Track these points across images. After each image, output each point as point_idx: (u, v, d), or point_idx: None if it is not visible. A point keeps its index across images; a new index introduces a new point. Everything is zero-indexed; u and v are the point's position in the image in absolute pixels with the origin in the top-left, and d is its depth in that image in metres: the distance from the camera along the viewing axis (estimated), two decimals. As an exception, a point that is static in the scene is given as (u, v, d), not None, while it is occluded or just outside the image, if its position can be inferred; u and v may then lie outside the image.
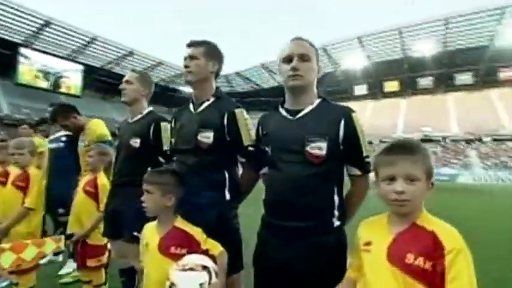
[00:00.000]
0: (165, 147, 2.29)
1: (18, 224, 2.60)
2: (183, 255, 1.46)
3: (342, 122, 1.48)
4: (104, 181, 2.76)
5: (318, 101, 1.59)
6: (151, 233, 1.66)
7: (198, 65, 1.87)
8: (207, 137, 1.78)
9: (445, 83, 53.62)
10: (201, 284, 1.30)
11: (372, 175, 1.36)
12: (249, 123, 1.84)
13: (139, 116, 2.48)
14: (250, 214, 2.25)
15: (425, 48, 47.90)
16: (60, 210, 3.38)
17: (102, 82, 47.86)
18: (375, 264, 1.13)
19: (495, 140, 40.05)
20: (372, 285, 1.12)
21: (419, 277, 1.02)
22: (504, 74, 49.97)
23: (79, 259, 2.78)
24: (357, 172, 1.54)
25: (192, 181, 1.71)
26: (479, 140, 42.97)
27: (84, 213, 2.75)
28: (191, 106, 1.99)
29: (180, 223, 1.64)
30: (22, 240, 2.28)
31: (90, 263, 2.71)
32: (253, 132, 1.82)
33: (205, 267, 1.35)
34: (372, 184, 1.37)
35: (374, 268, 1.13)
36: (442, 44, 47.22)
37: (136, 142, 2.33)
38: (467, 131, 43.72)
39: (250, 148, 1.80)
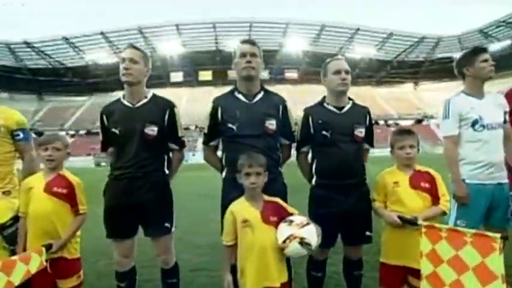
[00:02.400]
0: (180, 133, 2.33)
1: None
2: (277, 221, 1.81)
3: (367, 115, 2.32)
4: (76, 178, 2.19)
5: (351, 101, 2.34)
6: (247, 210, 1.85)
7: (258, 62, 2.18)
8: (272, 124, 2.14)
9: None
10: (316, 232, 1.76)
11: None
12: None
13: (146, 100, 2.25)
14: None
15: (234, 44, 54.11)
16: None
17: None
18: (404, 191, 2.06)
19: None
20: (406, 201, 2.03)
21: (428, 192, 2.03)
22: (288, 74, 64.10)
23: (45, 283, 1.99)
24: (367, 147, 2.38)
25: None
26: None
27: (59, 220, 2.07)
28: (241, 96, 2.21)
29: (266, 197, 1.92)
30: (8, 257, 1.84)
31: (68, 283, 2.07)
32: None
33: (310, 221, 1.81)
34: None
35: (405, 193, 2.05)
36: (247, 42, 54.75)
37: (153, 130, 2.16)
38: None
39: (295, 133, 2.33)
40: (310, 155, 2.38)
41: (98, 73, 57.87)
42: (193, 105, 55.52)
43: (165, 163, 2.26)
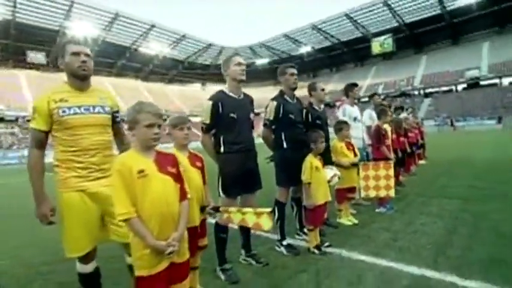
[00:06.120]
0: None
1: None
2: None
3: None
4: None
5: (323, 106, 3.98)
6: (316, 161, 3.31)
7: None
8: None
9: (15, 58, 49.91)
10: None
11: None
12: None
13: (243, 95, 3.00)
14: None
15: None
16: None
17: None
18: (346, 150, 4.11)
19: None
20: (348, 155, 4.11)
21: (352, 150, 4.18)
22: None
23: (195, 242, 2.32)
24: None
25: (304, 137, 3.41)
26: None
27: (202, 188, 2.44)
28: (288, 98, 3.43)
29: None
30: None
31: (205, 241, 2.49)
32: None
33: None
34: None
35: (347, 151, 4.12)
36: (12, 12, 42.85)
37: (252, 116, 3.03)
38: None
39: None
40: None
41: None
42: None
43: None
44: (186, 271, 1.86)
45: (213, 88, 72.34)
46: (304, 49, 61.37)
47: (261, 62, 67.83)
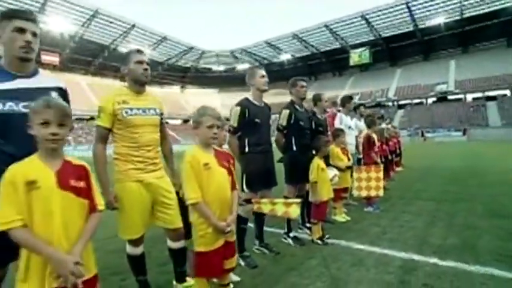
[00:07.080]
0: None
1: None
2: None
3: None
4: None
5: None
6: (321, 162, 3.79)
7: None
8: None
9: (-17, 51, 47.27)
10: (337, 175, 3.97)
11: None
12: None
13: (264, 103, 3.44)
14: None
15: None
16: None
17: None
18: (342, 154, 4.64)
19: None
20: (343, 159, 4.63)
21: (346, 155, 4.72)
22: (46, 58, 52.80)
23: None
24: None
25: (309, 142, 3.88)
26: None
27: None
28: (298, 107, 3.90)
29: None
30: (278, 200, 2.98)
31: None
32: None
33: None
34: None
35: (342, 156, 4.63)
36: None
37: (270, 122, 3.51)
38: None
39: None
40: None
41: None
42: None
43: None
44: (234, 249, 2.28)
45: (193, 91, 72.45)
46: (285, 57, 62.68)
47: (242, 67, 68.41)
